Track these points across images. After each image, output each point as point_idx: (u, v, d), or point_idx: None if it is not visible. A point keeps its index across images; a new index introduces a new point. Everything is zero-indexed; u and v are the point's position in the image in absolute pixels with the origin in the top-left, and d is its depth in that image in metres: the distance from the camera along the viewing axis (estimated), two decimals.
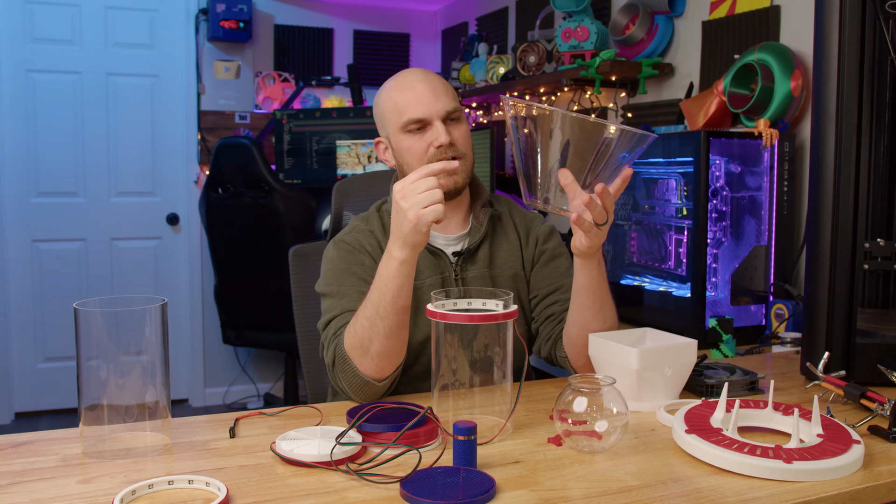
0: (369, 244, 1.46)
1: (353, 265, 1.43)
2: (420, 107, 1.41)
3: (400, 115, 1.43)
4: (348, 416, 1.12)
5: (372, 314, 1.25)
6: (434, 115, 1.41)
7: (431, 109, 1.41)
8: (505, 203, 1.61)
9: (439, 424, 1.09)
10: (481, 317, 1.14)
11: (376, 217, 1.52)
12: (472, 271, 1.50)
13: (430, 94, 1.42)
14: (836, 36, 1.36)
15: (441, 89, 1.43)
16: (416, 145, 1.43)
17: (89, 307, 1.03)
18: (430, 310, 1.15)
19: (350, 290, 1.40)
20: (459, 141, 1.44)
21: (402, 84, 1.44)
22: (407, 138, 1.43)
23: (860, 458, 1.01)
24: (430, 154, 1.42)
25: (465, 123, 1.47)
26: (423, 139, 1.42)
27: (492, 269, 1.51)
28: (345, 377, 1.30)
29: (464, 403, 1.19)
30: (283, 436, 1.07)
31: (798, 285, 2.05)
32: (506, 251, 1.54)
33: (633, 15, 2.67)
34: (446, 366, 1.17)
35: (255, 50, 4.15)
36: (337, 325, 1.36)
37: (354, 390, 1.31)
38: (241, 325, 3.64)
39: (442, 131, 1.40)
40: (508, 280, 1.52)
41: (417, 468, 0.96)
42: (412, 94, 1.42)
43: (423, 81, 1.43)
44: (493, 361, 1.17)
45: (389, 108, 1.45)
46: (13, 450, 1.07)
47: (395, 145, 1.46)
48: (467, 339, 1.18)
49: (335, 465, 0.99)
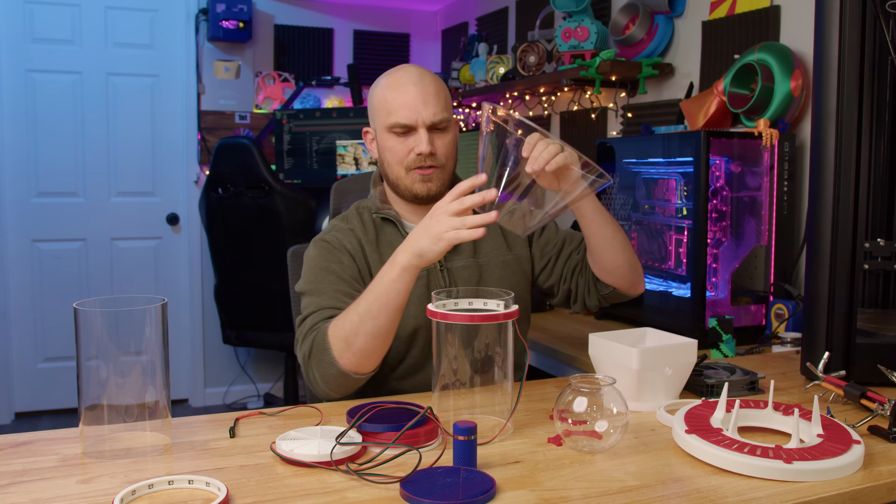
0: (349, 242, 1.48)
1: (332, 263, 1.44)
2: (407, 112, 1.43)
3: (388, 115, 1.44)
4: (348, 416, 1.13)
5: (363, 311, 1.26)
6: (420, 123, 1.43)
7: (418, 117, 1.43)
8: None
9: (439, 424, 1.09)
10: (482, 317, 1.14)
11: (356, 216, 1.54)
12: (457, 261, 1.52)
13: (420, 100, 1.43)
14: (836, 36, 1.36)
15: (432, 96, 1.44)
16: (397, 147, 1.45)
17: (89, 307, 1.03)
18: (431, 310, 1.15)
19: (327, 288, 1.41)
20: (440, 151, 1.46)
21: (395, 84, 1.45)
22: (391, 138, 1.46)
23: (860, 459, 1.01)
24: (410, 159, 1.45)
25: (451, 132, 1.49)
26: (405, 143, 1.45)
27: (478, 259, 1.54)
28: (319, 369, 1.31)
29: (464, 403, 1.20)
30: (283, 436, 1.07)
31: (798, 285, 2.05)
32: (490, 240, 1.56)
33: (633, 15, 2.67)
34: (447, 366, 1.17)
35: (255, 50, 4.15)
36: (313, 320, 1.37)
37: (328, 382, 1.31)
38: (241, 325, 3.64)
39: (424, 140, 1.43)
40: (496, 268, 1.54)
41: (417, 468, 0.96)
42: (403, 98, 1.43)
43: (416, 85, 1.44)
44: (494, 361, 1.18)
45: (380, 105, 1.47)
46: (13, 450, 1.07)
47: (380, 142, 1.49)
48: (468, 339, 1.18)
49: (335, 465, 0.99)
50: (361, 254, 1.47)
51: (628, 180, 2.31)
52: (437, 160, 1.45)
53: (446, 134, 1.47)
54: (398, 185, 1.49)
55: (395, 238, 1.50)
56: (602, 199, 2.41)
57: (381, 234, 1.51)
